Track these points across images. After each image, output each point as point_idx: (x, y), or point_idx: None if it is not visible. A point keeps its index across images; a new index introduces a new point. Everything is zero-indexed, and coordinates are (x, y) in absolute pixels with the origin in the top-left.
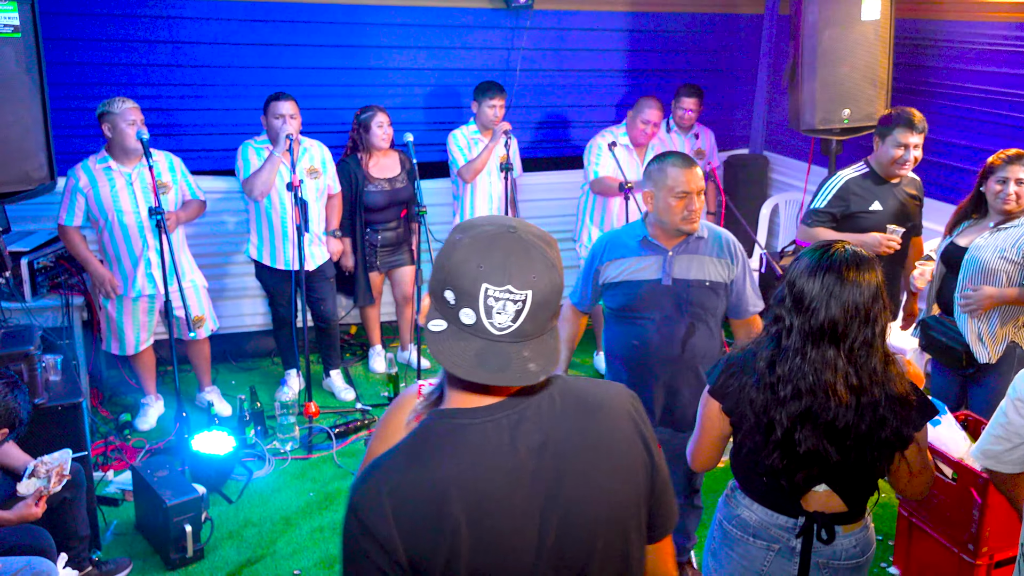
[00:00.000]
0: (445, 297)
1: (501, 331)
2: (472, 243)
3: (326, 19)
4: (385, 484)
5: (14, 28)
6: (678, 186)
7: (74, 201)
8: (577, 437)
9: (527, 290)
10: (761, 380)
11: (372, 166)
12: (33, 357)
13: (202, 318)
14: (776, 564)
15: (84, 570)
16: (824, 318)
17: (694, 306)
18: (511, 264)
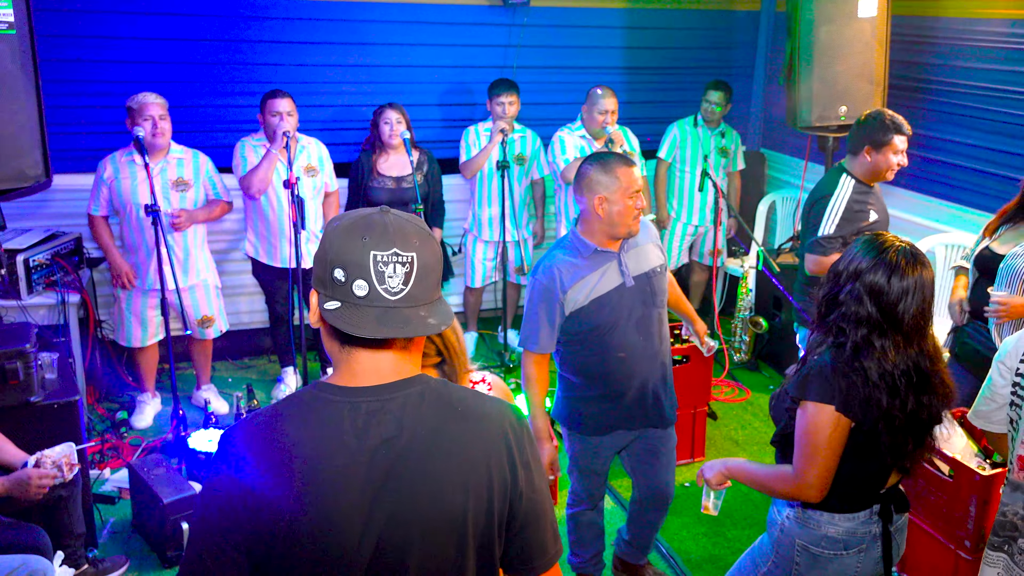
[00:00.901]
0: (335, 277)
1: (395, 295)
2: (350, 223)
3: (320, 16)
4: (241, 434)
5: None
6: (633, 184)
7: (99, 191)
8: (429, 440)
9: (411, 252)
10: (877, 384)
11: (381, 163)
12: (29, 355)
13: (211, 318)
14: (866, 559)
15: (80, 568)
16: (916, 315)
17: (657, 295)
18: (391, 233)
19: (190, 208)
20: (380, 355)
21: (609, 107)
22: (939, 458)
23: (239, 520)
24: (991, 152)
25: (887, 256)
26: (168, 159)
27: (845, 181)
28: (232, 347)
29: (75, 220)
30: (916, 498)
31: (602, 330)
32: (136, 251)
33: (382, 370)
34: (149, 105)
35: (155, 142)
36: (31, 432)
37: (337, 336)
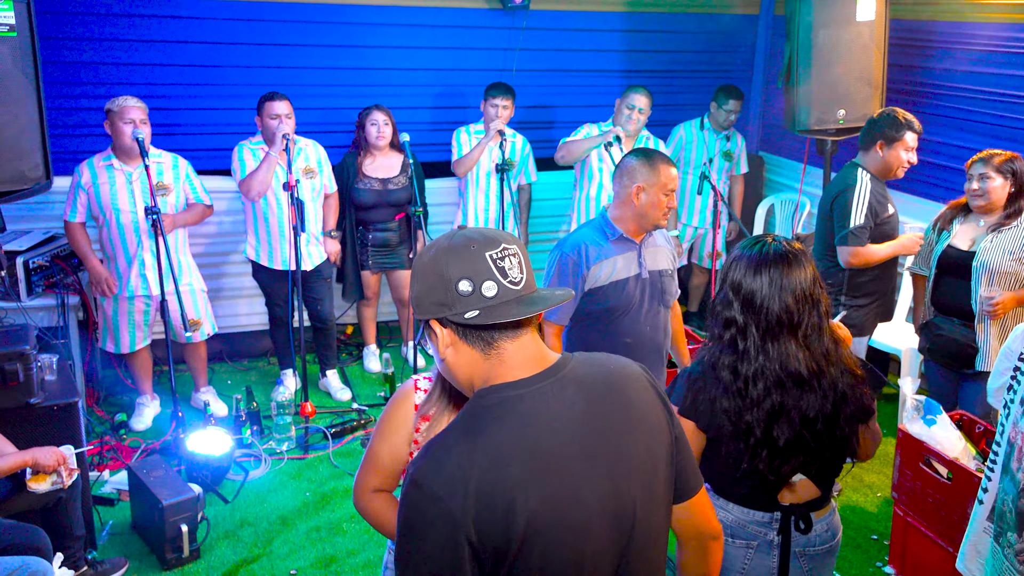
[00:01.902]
0: (461, 291)
1: (518, 285)
2: (447, 244)
3: (322, 19)
4: (447, 455)
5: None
6: (670, 183)
7: (77, 197)
8: (611, 405)
9: (514, 244)
10: (729, 388)
11: (367, 164)
12: (29, 356)
13: (198, 322)
14: (756, 561)
15: (80, 570)
16: (779, 311)
17: (666, 295)
18: (489, 234)
19: (171, 212)
20: (524, 341)
21: (639, 103)
22: (938, 461)
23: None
24: None
25: (746, 253)
26: (148, 163)
27: (862, 175)
28: (231, 349)
29: None
30: (914, 501)
31: (615, 313)
32: (116, 258)
33: (532, 355)
34: (130, 108)
35: (135, 146)
36: (31, 434)
37: (479, 344)
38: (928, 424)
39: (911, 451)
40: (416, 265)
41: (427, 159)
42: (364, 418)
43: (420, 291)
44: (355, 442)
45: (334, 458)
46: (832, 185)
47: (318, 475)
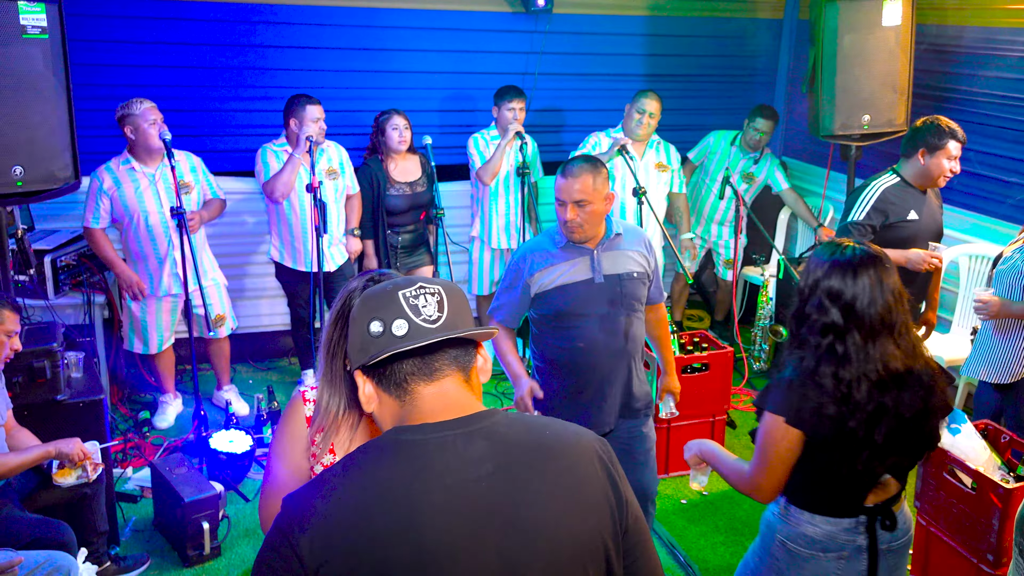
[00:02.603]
0: (372, 332)
1: (434, 323)
2: (367, 292)
3: (345, 22)
4: (317, 489)
5: (41, 29)
6: (559, 192)
7: (99, 203)
8: (527, 470)
9: (436, 285)
10: (832, 394)
11: (393, 169)
12: (56, 354)
13: (223, 316)
14: (848, 568)
15: (103, 565)
16: (880, 312)
17: (628, 298)
18: (409, 278)
19: (195, 209)
20: (444, 385)
21: (649, 108)
22: (962, 470)
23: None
24: (1016, 162)
25: (837, 259)
26: (165, 163)
27: (888, 176)
28: (253, 349)
29: None
30: (938, 510)
31: (566, 318)
32: (146, 259)
33: (452, 403)
34: (151, 110)
35: (160, 145)
36: (57, 429)
37: (394, 390)
38: (953, 433)
39: (935, 460)
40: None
41: (448, 162)
42: None
43: (348, 342)
44: None
45: None
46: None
47: None
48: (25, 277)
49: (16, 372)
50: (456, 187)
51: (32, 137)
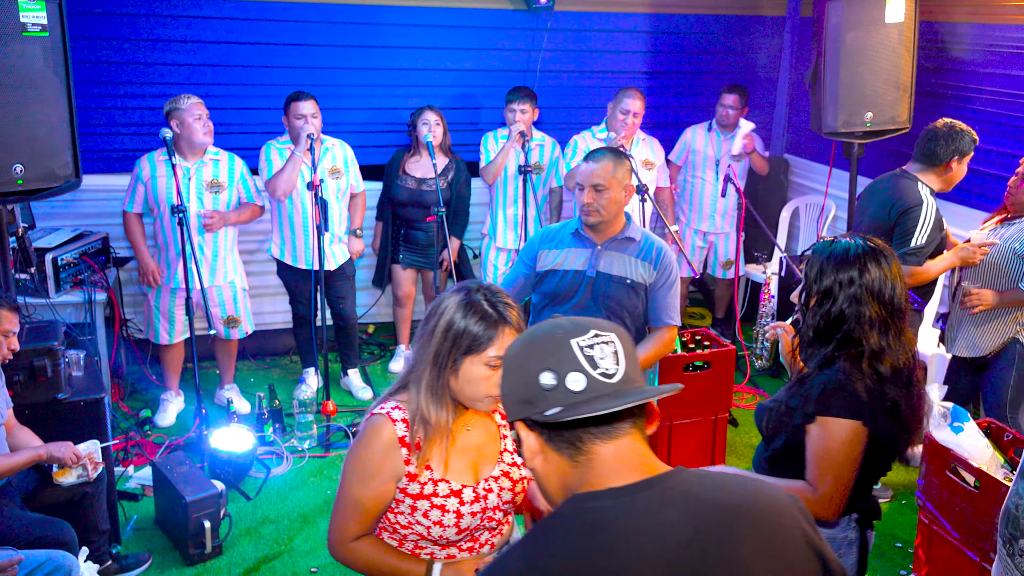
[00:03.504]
0: (544, 385)
1: (612, 378)
2: (532, 335)
3: (348, 20)
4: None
5: (42, 27)
6: (579, 176)
7: (136, 189)
8: (728, 538)
9: (609, 332)
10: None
11: (410, 162)
12: (57, 352)
13: (237, 319)
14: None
15: (104, 564)
16: (902, 298)
17: (611, 300)
18: (580, 322)
19: (222, 210)
20: (622, 443)
21: (632, 108)
22: (965, 469)
23: None
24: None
25: (865, 254)
26: (205, 160)
27: (926, 192)
28: (255, 347)
29: (103, 220)
30: (941, 508)
31: (552, 300)
32: (167, 249)
33: (633, 462)
34: (196, 105)
35: (206, 140)
36: (58, 428)
37: (566, 448)
38: (955, 431)
39: (938, 458)
40: (504, 358)
41: None
42: None
43: (505, 388)
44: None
45: None
46: (894, 197)
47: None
48: (26, 275)
49: (17, 371)
50: None
51: (32, 135)
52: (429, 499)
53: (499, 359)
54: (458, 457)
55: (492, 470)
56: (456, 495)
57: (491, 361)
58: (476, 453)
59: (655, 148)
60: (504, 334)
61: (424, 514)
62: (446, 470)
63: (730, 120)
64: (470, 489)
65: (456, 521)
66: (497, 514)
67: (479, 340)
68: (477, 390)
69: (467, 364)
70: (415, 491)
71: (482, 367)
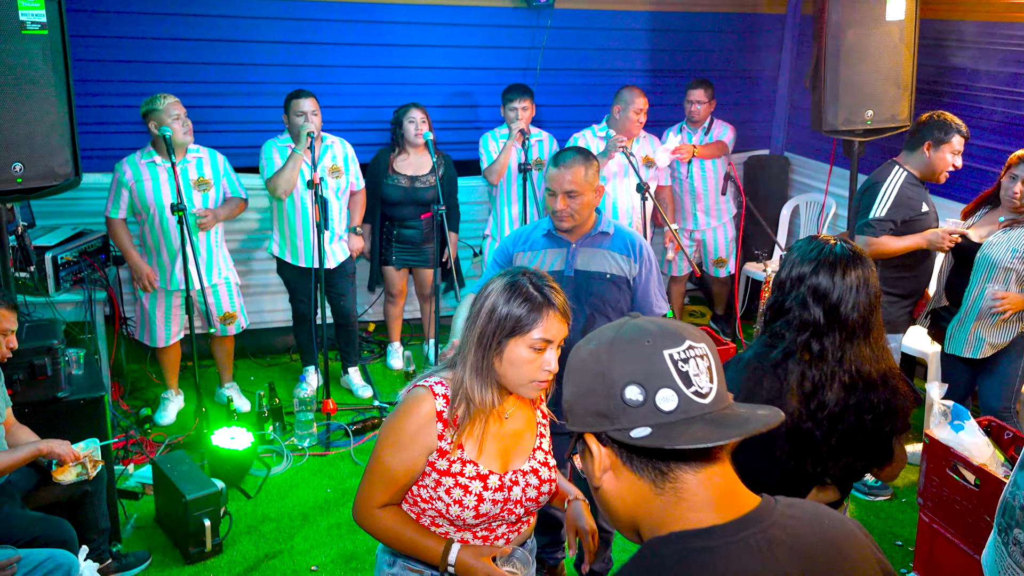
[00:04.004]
0: (628, 399)
1: (706, 397)
2: (612, 336)
3: (343, 17)
4: None
5: (41, 25)
6: (549, 183)
7: (119, 195)
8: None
9: (702, 342)
10: (794, 390)
11: (398, 161)
12: (56, 351)
13: (233, 315)
14: None
15: (104, 562)
16: (863, 313)
17: (594, 297)
18: (671, 327)
19: (212, 207)
20: (713, 473)
21: (642, 106)
22: (965, 467)
23: None
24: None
25: (826, 257)
26: (188, 158)
27: (898, 171)
28: (255, 345)
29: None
30: (941, 507)
31: None
32: (160, 252)
33: (724, 493)
34: (175, 104)
35: (187, 139)
36: (58, 427)
37: (650, 472)
38: (956, 430)
39: (938, 457)
40: (571, 359)
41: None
42: (385, 415)
43: (574, 394)
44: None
45: (355, 455)
46: (867, 180)
47: (339, 472)
48: (26, 274)
49: (17, 369)
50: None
51: (32, 133)
52: (455, 477)
53: (544, 341)
54: (492, 442)
55: (523, 464)
56: (482, 479)
57: (535, 344)
58: (510, 442)
59: (656, 146)
60: (549, 317)
61: (447, 491)
62: (479, 453)
63: (700, 115)
64: (496, 476)
65: (476, 504)
66: (518, 508)
67: (523, 322)
68: (521, 373)
69: (511, 346)
70: (443, 467)
71: (526, 349)
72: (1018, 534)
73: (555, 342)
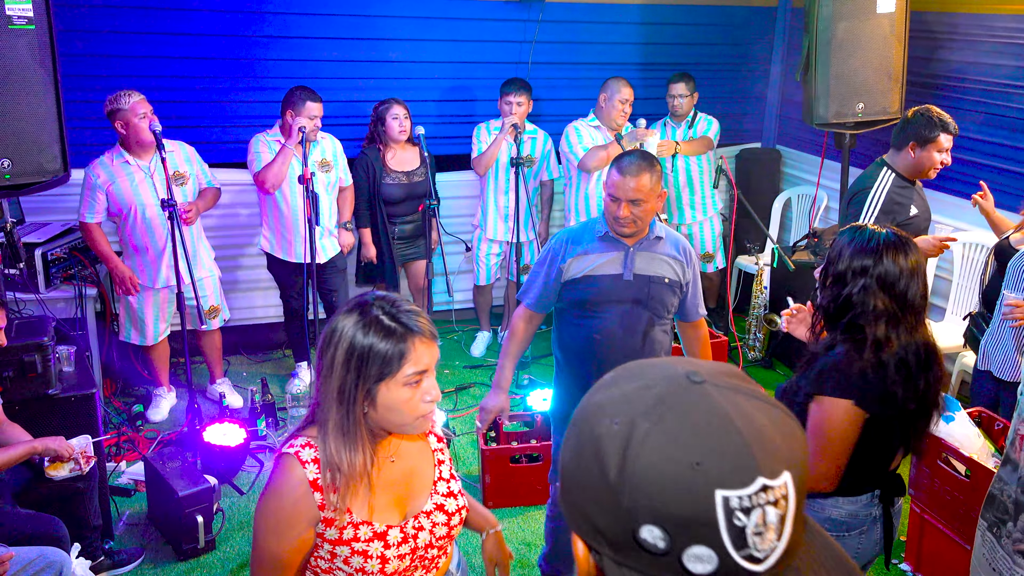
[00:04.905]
0: (643, 539)
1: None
2: (646, 433)
3: (332, 11)
4: None
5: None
6: (613, 189)
7: (94, 198)
8: None
9: (783, 473)
10: (888, 371)
11: (390, 159)
12: (47, 348)
13: (217, 308)
14: (866, 541)
15: (96, 560)
16: (924, 293)
17: (653, 301)
18: (744, 437)
19: (191, 200)
20: None
21: (629, 97)
22: (956, 458)
23: None
24: (1010, 149)
25: (885, 245)
26: (160, 154)
27: (885, 175)
28: (247, 342)
29: None
30: (932, 498)
31: (588, 307)
32: (144, 251)
33: None
34: (141, 102)
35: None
36: (49, 424)
37: None
38: (946, 421)
39: (929, 448)
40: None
41: (442, 152)
42: None
43: (571, 472)
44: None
45: None
46: (855, 183)
47: None
48: (15, 271)
49: (6, 367)
50: (450, 177)
51: (19, 129)
52: (349, 544)
53: (419, 374)
54: (382, 494)
55: (424, 503)
56: (380, 537)
57: (410, 380)
58: (403, 486)
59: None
60: (416, 347)
61: (344, 561)
62: (370, 511)
63: (683, 109)
64: (396, 530)
65: (381, 567)
66: (431, 552)
67: (389, 361)
68: (402, 415)
69: (383, 392)
70: (333, 536)
71: (402, 389)
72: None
73: (431, 370)
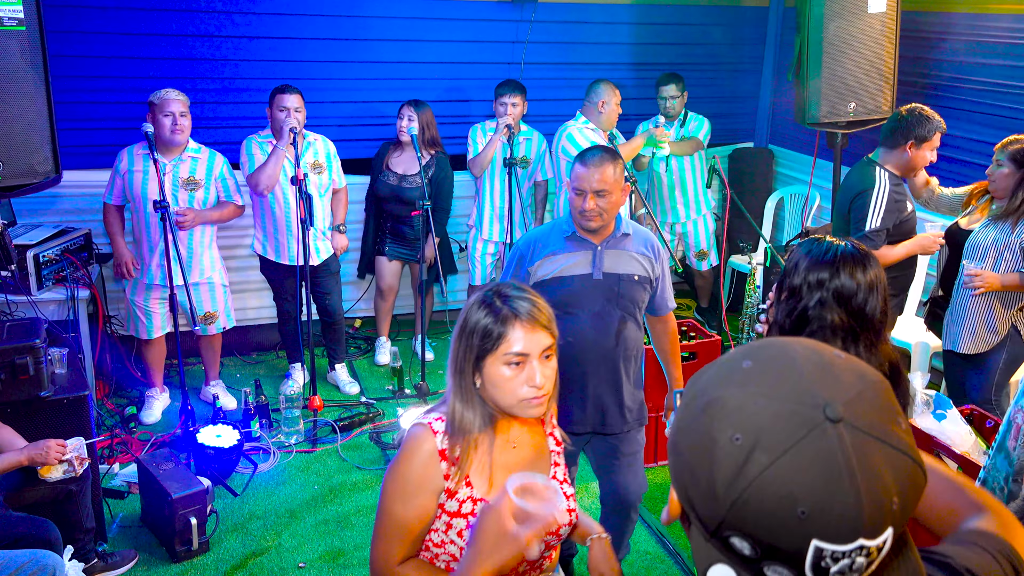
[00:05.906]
0: (733, 544)
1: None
2: (776, 462)
3: (327, 12)
4: None
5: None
6: (578, 183)
7: (114, 181)
8: None
9: (887, 531)
10: None
11: (393, 157)
12: (39, 350)
13: (214, 315)
14: None
15: (90, 562)
16: (883, 308)
17: (624, 299)
18: (860, 497)
19: (198, 208)
20: None
21: (617, 99)
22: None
23: None
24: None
25: (842, 258)
26: (183, 157)
27: (882, 174)
28: (240, 343)
29: (85, 216)
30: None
31: (559, 308)
32: (141, 244)
33: None
34: (170, 101)
35: (173, 139)
36: (41, 426)
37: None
38: (938, 419)
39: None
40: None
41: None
42: (372, 412)
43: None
44: (363, 435)
45: (342, 451)
46: (850, 183)
47: (326, 468)
48: (7, 273)
49: None
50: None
51: (10, 131)
52: (466, 518)
53: (519, 355)
54: (501, 475)
55: None
56: None
57: (510, 359)
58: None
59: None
60: (515, 328)
61: (459, 533)
62: (488, 487)
63: (675, 110)
64: None
65: None
66: None
67: (489, 338)
68: (505, 394)
69: (488, 367)
70: (452, 508)
71: (502, 367)
72: None
73: (533, 355)
